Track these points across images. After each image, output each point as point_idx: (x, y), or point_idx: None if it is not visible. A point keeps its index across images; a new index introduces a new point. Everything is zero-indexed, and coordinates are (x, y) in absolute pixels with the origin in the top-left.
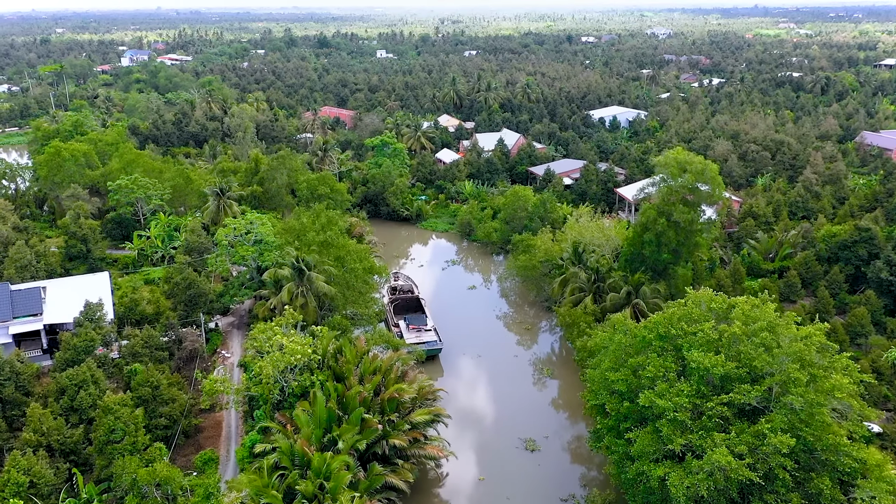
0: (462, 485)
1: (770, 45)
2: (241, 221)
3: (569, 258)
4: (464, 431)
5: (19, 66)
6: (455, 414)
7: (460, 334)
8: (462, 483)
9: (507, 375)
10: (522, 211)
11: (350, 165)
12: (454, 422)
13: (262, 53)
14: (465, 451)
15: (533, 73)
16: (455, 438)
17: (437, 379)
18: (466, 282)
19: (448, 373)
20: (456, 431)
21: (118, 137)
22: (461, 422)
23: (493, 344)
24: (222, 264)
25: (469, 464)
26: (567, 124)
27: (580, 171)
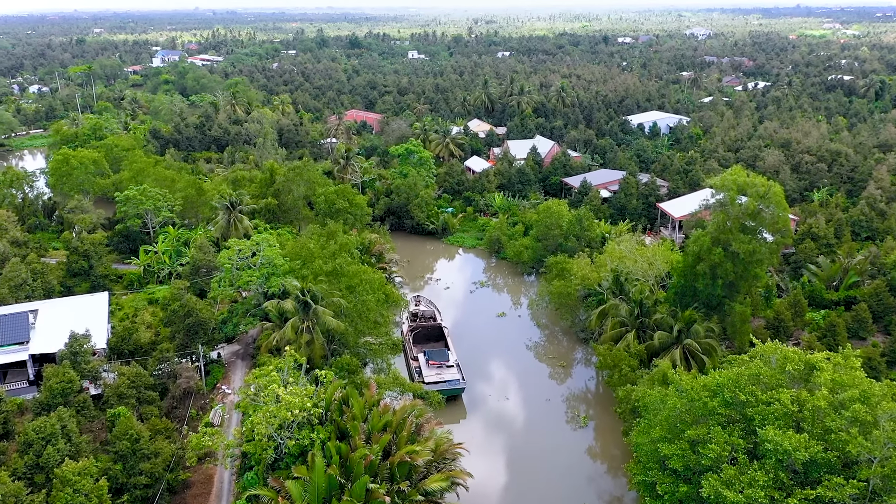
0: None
1: (816, 46)
2: (246, 243)
3: (608, 287)
4: (485, 496)
5: (51, 66)
6: (477, 470)
7: (486, 370)
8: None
9: (538, 424)
10: (556, 228)
11: (373, 174)
12: (475, 482)
13: (292, 54)
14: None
15: (568, 76)
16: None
17: (459, 421)
18: (495, 307)
19: (471, 415)
20: (477, 495)
21: (134, 143)
22: (483, 482)
23: (523, 383)
24: (225, 290)
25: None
26: (604, 130)
27: (619, 184)
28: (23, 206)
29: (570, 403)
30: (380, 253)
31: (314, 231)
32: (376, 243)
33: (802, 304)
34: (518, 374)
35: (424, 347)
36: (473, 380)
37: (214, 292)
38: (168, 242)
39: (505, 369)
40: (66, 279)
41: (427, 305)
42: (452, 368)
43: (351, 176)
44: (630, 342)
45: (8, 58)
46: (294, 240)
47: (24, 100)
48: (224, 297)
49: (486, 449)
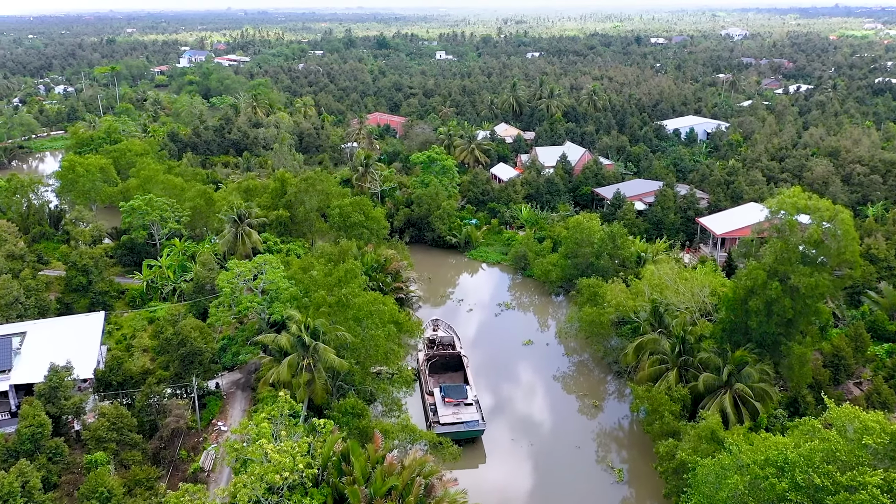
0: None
1: (859, 47)
2: (248, 264)
3: (646, 319)
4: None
5: (78, 66)
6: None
7: (509, 407)
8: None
9: (567, 477)
10: (587, 245)
11: (394, 182)
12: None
13: (319, 54)
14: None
15: (599, 78)
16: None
17: (478, 466)
18: (521, 333)
19: (491, 462)
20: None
21: (147, 148)
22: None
23: (550, 424)
24: (224, 315)
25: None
26: (637, 136)
27: (655, 195)
28: (28, 215)
29: (603, 452)
30: (396, 271)
31: (322, 249)
32: (393, 260)
33: (864, 337)
34: (545, 414)
35: (441, 378)
36: (494, 419)
37: (212, 317)
38: (173, 256)
39: (530, 407)
40: (65, 295)
41: (446, 330)
42: (471, 407)
43: (370, 184)
44: (671, 383)
45: (38, 57)
46: (302, 259)
47: (48, 100)
48: (223, 324)
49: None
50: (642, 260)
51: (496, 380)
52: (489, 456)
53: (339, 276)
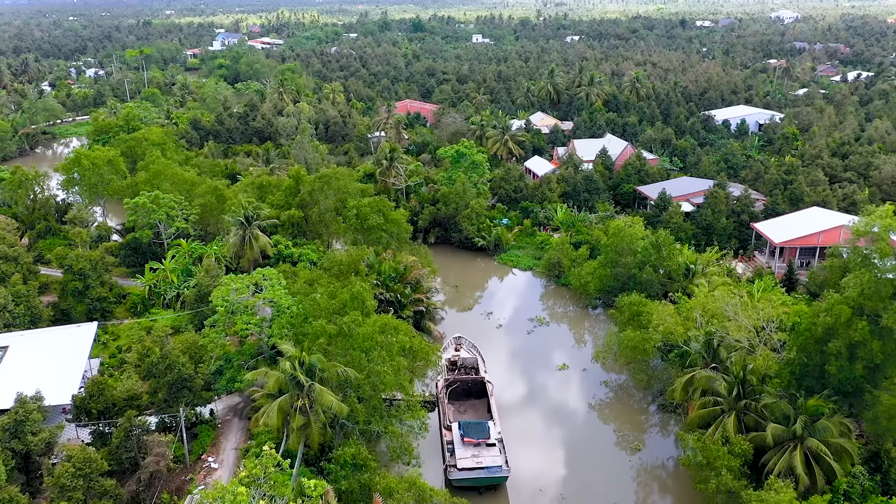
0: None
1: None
2: (245, 279)
3: (699, 351)
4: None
5: (110, 49)
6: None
7: (538, 447)
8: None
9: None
10: (629, 255)
11: (421, 176)
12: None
13: (353, 37)
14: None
15: (642, 63)
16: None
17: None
18: (554, 354)
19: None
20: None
21: (164, 137)
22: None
23: (585, 471)
24: (218, 337)
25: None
26: (683, 128)
27: (704, 196)
28: (33, 210)
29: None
30: (416, 281)
31: (332, 259)
32: (413, 268)
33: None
34: (579, 458)
35: (462, 406)
36: (520, 461)
37: (206, 338)
38: (179, 258)
39: (562, 448)
40: (61, 301)
41: (469, 350)
42: (493, 448)
43: (395, 180)
44: (729, 431)
45: (75, 40)
46: (311, 270)
47: (78, 84)
48: (218, 348)
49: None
50: (691, 272)
51: (524, 411)
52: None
53: (344, 301)
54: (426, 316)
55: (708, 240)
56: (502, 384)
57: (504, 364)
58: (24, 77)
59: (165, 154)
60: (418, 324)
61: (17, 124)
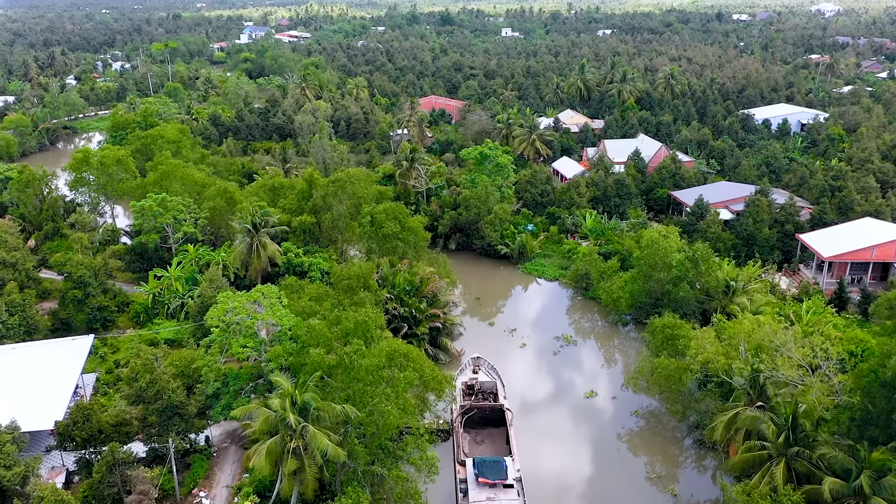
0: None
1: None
2: (242, 298)
3: (743, 387)
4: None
5: (136, 43)
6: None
7: (562, 490)
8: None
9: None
10: (663, 270)
11: (442, 178)
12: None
13: (380, 31)
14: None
15: (677, 59)
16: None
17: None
18: (582, 379)
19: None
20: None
21: (180, 135)
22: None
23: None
24: (213, 361)
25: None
26: (721, 128)
27: (744, 202)
28: (41, 210)
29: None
30: (433, 294)
31: (339, 273)
32: (431, 281)
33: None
34: (607, 502)
35: (479, 436)
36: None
37: (201, 361)
38: (185, 265)
39: (589, 489)
40: (61, 310)
41: (488, 373)
42: (511, 491)
43: (415, 182)
44: (777, 481)
45: (104, 33)
46: (317, 284)
47: (103, 78)
48: (207, 376)
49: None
50: (731, 289)
51: (547, 444)
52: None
53: (347, 330)
54: (443, 332)
55: (749, 251)
56: (524, 412)
57: (526, 389)
58: (51, 70)
59: (180, 152)
60: (434, 340)
61: (37, 119)
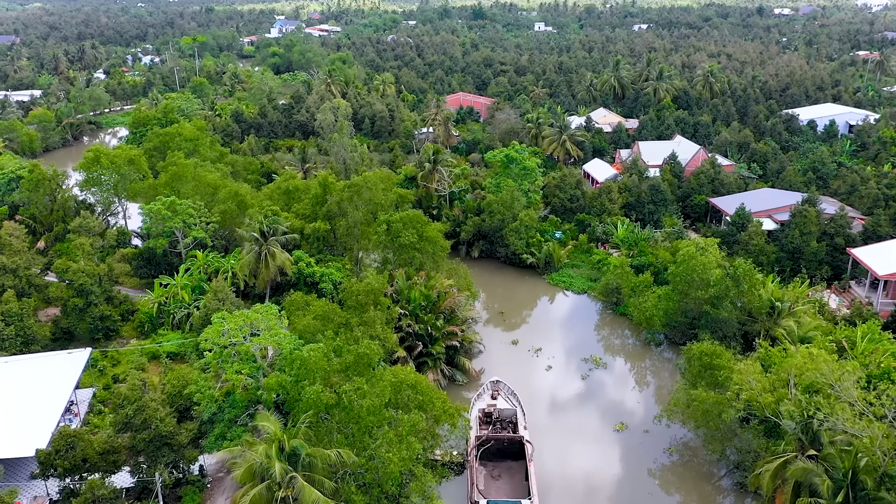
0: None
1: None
2: (238, 318)
3: (794, 432)
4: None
5: (166, 37)
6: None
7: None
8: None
9: None
10: (700, 287)
11: (467, 181)
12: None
13: (411, 25)
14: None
15: (716, 55)
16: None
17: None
18: (612, 409)
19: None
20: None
21: (198, 133)
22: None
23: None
24: (206, 387)
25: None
26: (763, 129)
27: (790, 212)
28: (51, 210)
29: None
30: (451, 310)
31: (349, 289)
32: (449, 296)
33: None
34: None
35: (495, 470)
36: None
37: (193, 387)
38: (194, 272)
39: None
40: (63, 319)
41: (507, 399)
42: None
43: (438, 185)
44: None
45: (137, 26)
46: (324, 302)
47: (132, 72)
48: (201, 409)
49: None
50: (776, 311)
51: (571, 484)
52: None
53: (347, 363)
54: (461, 351)
55: (794, 266)
56: (546, 445)
57: (550, 418)
58: (80, 64)
59: (197, 151)
60: (451, 359)
61: (61, 114)
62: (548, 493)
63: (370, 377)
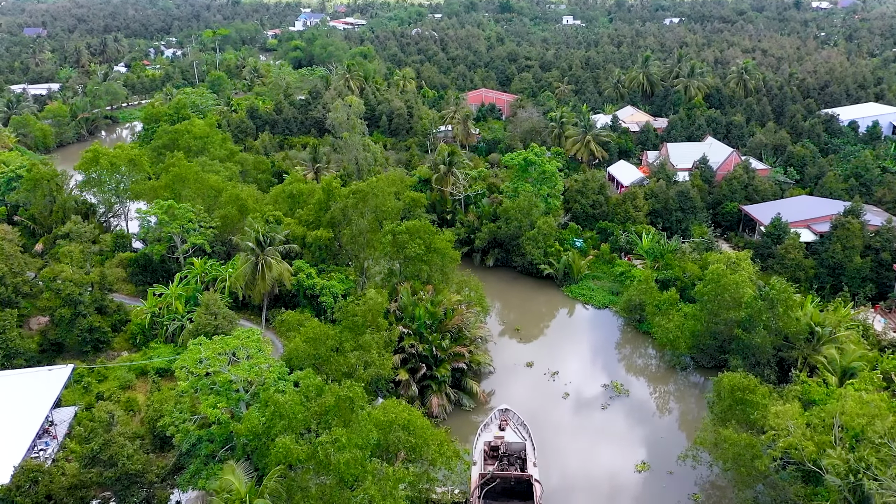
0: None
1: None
2: (216, 345)
3: (839, 489)
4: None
5: (195, 29)
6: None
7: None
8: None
9: None
10: (731, 308)
11: (483, 185)
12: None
13: (437, 18)
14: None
15: (750, 50)
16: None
17: None
18: (633, 445)
19: None
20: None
21: (208, 130)
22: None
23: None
24: (180, 419)
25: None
26: (800, 130)
27: (830, 223)
28: (51, 212)
29: None
30: (459, 328)
31: (346, 311)
32: (457, 312)
33: None
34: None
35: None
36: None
37: (166, 421)
38: (191, 280)
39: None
40: (51, 330)
41: (516, 430)
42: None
43: (453, 188)
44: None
45: (163, 19)
46: (315, 323)
47: (153, 65)
48: (177, 440)
49: None
50: (816, 336)
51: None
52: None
53: (327, 407)
54: (468, 373)
55: (835, 282)
56: (558, 486)
57: (564, 454)
58: (102, 57)
59: (206, 149)
60: (458, 382)
61: (76, 108)
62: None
63: (352, 421)
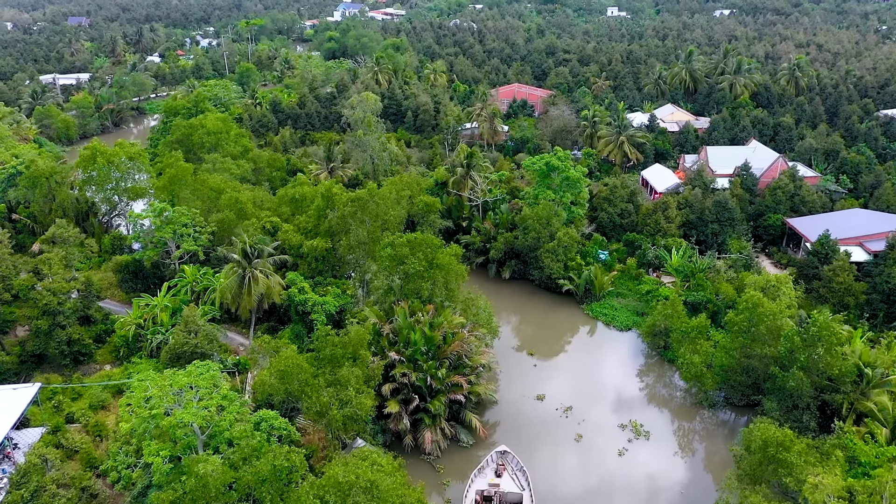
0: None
1: None
2: (165, 380)
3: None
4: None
5: (234, 18)
6: None
7: None
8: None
9: None
10: (767, 344)
11: (504, 189)
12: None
13: (478, 9)
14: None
15: (804, 45)
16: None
17: None
18: (652, 497)
19: None
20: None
21: (222, 125)
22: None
23: None
24: (121, 465)
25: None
26: (855, 133)
27: (886, 241)
28: (48, 211)
29: None
30: (459, 356)
31: (324, 340)
32: (458, 337)
33: None
34: None
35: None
36: None
37: (109, 465)
38: (178, 291)
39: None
40: (29, 342)
41: (514, 476)
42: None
43: (471, 192)
44: None
45: (202, 9)
46: (294, 351)
47: (187, 55)
48: (123, 481)
49: None
50: (865, 378)
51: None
52: None
53: (263, 475)
54: (467, 405)
55: (890, 310)
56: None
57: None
58: (137, 47)
59: (220, 145)
60: (456, 414)
61: (101, 99)
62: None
63: (288, 498)
